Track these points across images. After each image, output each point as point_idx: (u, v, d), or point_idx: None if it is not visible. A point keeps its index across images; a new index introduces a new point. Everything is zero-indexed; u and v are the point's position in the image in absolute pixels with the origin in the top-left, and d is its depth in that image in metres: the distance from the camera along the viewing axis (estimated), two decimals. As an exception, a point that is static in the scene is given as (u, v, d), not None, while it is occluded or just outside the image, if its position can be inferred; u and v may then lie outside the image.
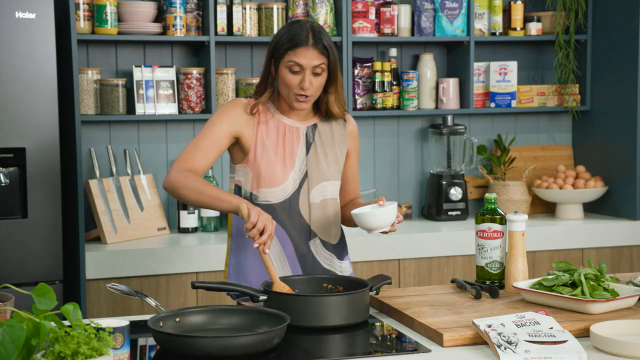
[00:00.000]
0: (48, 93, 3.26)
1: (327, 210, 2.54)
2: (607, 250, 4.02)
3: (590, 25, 4.25)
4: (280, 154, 2.49)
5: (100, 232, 3.64)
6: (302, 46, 2.42)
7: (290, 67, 2.43)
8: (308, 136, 2.54)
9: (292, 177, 2.50)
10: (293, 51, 2.43)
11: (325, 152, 2.54)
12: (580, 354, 1.84)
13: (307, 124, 2.55)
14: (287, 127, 2.52)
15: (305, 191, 2.51)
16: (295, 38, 2.43)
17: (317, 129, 2.55)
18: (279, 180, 2.48)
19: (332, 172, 2.54)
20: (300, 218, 2.51)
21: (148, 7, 3.80)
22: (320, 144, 2.54)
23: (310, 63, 2.43)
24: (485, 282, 2.46)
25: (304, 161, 2.52)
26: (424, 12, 4.12)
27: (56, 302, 1.60)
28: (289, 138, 2.51)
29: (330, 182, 2.54)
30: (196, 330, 2.04)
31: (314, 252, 2.53)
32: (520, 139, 4.44)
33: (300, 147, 2.52)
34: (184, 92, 3.85)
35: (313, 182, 2.51)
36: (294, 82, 2.44)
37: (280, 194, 2.49)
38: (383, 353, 1.99)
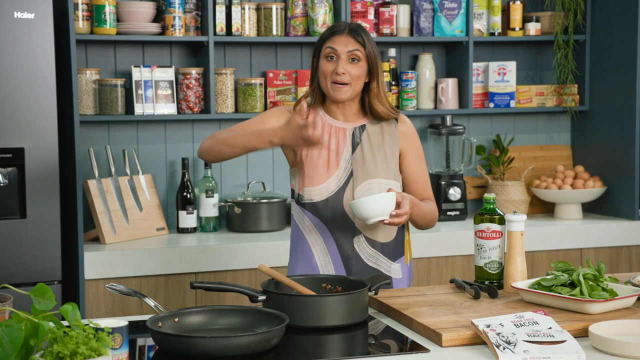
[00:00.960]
0: (47, 93, 3.26)
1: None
2: (606, 250, 4.02)
3: (589, 26, 4.25)
4: (324, 153, 2.55)
5: (99, 232, 3.64)
6: (338, 34, 2.53)
7: (327, 55, 2.53)
8: (355, 136, 2.58)
9: (337, 175, 2.55)
10: (330, 39, 2.54)
11: (372, 151, 2.58)
12: (579, 354, 1.84)
13: (354, 125, 2.60)
14: (334, 127, 2.58)
15: (351, 189, 2.55)
16: (332, 29, 2.56)
17: (366, 129, 2.60)
18: (321, 178, 2.54)
19: (379, 170, 2.56)
20: (344, 216, 2.55)
21: (147, 7, 3.80)
22: (367, 144, 2.58)
23: (344, 48, 2.51)
24: (484, 282, 2.46)
25: (350, 160, 2.56)
26: (423, 12, 4.12)
27: (55, 303, 1.61)
28: (335, 139, 2.57)
29: (377, 179, 2.56)
30: (195, 331, 2.04)
31: (358, 250, 2.57)
32: (519, 139, 4.44)
33: (347, 147, 2.57)
34: (182, 92, 3.85)
35: (358, 180, 2.55)
36: (330, 69, 2.52)
37: (323, 192, 2.54)
38: (382, 353, 1.99)
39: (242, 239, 3.71)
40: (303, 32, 3.98)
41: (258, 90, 3.92)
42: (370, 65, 2.55)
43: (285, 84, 4.00)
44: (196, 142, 4.00)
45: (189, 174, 3.91)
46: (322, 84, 2.56)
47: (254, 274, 3.58)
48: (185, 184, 3.88)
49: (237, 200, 3.89)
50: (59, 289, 3.28)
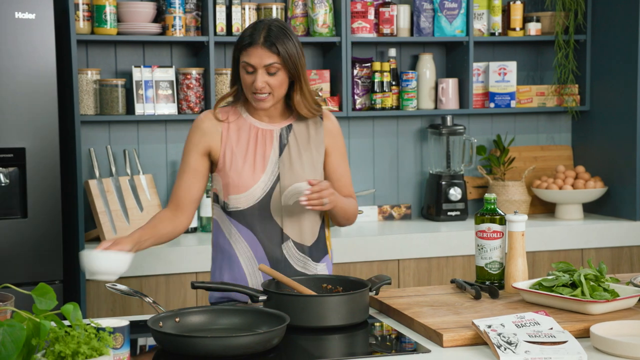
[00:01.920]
0: (48, 93, 3.26)
1: (301, 212, 2.50)
2: (607, 250, 4.02)
3: (589, 26, 4.25)
4: (250, 158, 2.48)
5: (100, 232, 3.64)
6: (252, 46, 2.42)
7: (244, 68, 2.44)
8: (282, 138, 2.52)
9: (263, 180, 2.48)
10: (245, 51, 2.44)
11: (299, 153, 2.51)
12: (580, 354, 1.84)
13: (280, 125, 2.53)
14: (260, 130, 2.51)
15: (278, 194, 2.48)
16: (246, 38, 2.44)
17: (292, 129, 2.53)
18: (247, 185, 2.46)
19: (306, 174, 2.50)
20: (272, 222, 2.49)
21: (147, 8, 3.80)
22: (294, 145, 2.52)
23: (260, 62, 2.42)
24: (485, 283, 2.46)
25: (277, 164, 2.49)
26: (423, 12, 4.12)
27: (56, 302, 1.61)
28: (261, 141, 2.50)
29: (304, 182, 2.49)
30: (196, 330, 2.04)
31: (287, 256, 2.50)
32: (520, 139, 4.44)
33: (274, 149, 2.50)
34: (183, 92, 3.85)
35: (286, 184, 2.48)
36: (249, 81, 2.44)
37: (249, 199, 2.47)
38: (383, 353, 1.99)
39: (243, 239, 3.70)
40: (303, 32, 3.98)
41: (259, 90, 3.92)
42: (290, 71, 2.45)
43: (286, 84, 4.00)
44: (197, 142, 4.00)
45: (190, 174, 3.91)
46: (245, 92, 2.49)
47: (255, 274, 3.58)
48: (186, 184, 3.87)
49: (238, 200, 3.89)
50: (60, 289, 3.28)
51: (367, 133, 4.23)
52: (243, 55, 2.44)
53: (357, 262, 3.70)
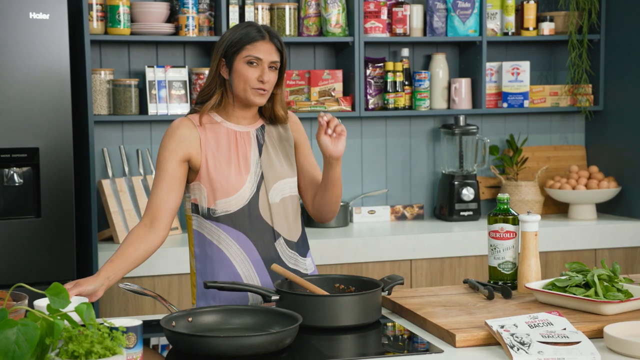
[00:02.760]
0: (61, 93, 3.28)
1: (287, 209, 2.51)
2: (621, 250, 4.01)
3: (603, 25, 4.24)
4: (234, 161, 2.47)
5: (113, 232, 3.65)
6: (261, 40, 2.44)
7: (249, 61, 2.43)
8: (259, 138, 2.52)
9: (249, 181, 2.47)
10: (252, 45, 2.43)
11: (276, 151, 2.53)
12: (594, 355, 1.84)
13: (255, 127, 2.53)
14: (238, 133, 2.50)
15: (264, 193, 2.48)
16: (252, 33, 2.45)
17: (265, 130, 2.55)
18: (235, 187, 2.45)
19: (285, 170, 2.52)
20: (262, 221, 2.48)
21: (161, 8, 3.81)
22: (270, 143, 2.53)
23: (268, 57, 2.44)
24: (498, 283, 2.46)
25: (258, 163, 2.50)
26: (436, 12, 4.12)
27: (70, 302, 1.61)
28: (241, 143, 2.49)
29: (285, 179, 2.51)
30: (209, 330, 2.04)
31: (280, 253, 2.50)
32: (533, 139, 4.43)
33: (253, 150, 2.50)
34: (196, 92, 3.85)
35: (270, 182, 2.49)
36: (253, 75, 2.43)
37: (238, 201, 2.45)
38: (395, 353, 1.99)
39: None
40: (316, 32, 3.98)
41: (271, 90, 3.92)
42: (281, 71, 2.49)
43: (299, 84, 4.01)
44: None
45: (203, 173, 3.92)
46: (239, 88, 2.44)
47: (267, 274, 3.58)
48: (199, 184, 3.88)
49: (251, 200, 3.90)
50: (73, 288, 3.29)
51: (380, 133, 4.23)
52: (248, 50, 2.43)
53: (369, 262, 3.70)
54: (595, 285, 2.21)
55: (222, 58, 2.47)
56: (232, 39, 2.45)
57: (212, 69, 2.49)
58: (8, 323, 1.50)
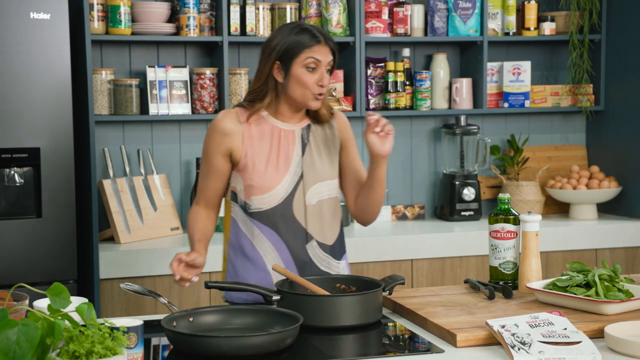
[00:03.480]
0: (62, 93, 3.28)
1: (323, 211, 2.51)
2: (621, 250, 4.00)
3: (604, 25, 4.23)
4: (273, 159, 2.48)
5: (114, 232, 3.65)
6: (319, 44, 2.45)
7: (308, 65, 2.44)
8: (303, 137, 2.52)
9: (286, 180, 2.48)
10: (310, 49, 2.44)
11: (320, 152, 2.53)
12: (595, 354, 1.84)
13: (301, 126, 2.54)
14: (282, 131, 2.51)
15: (301, 193, 2.48)
16: (308, 38, 2.45)
17: (311, 129, 2.55)
18: (270, 185, 2.46)
19: (327, 172, 2.52)
20: (295, 222, 2.48)
21: (161, 8, 3.81)
22: (315, 144, 2.53)
23: (326, 59, 2.46)
24: (499, 283, 2.46)
25: (300, 163, 2.50)
26: (437, 12, 4.12)
27: (71, 302, 1.61)
28: (284, 141, 2.50)
29: (325, 182, 2.51)
30: (209, 330, 2.04)
31: (311, 256, 2.50)
32: (534, 139, 4.43)
33: (296, 149, 2.50)
34: (197, 92, 3.85)
35: (309, 184, 2.49)
36: (312, 80, 2.44)
37: (272, 200, 2.46)
38: (396, 353, 1.99)
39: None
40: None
41: (272, 90, 3.92)
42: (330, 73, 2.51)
43: (300, 84, 4.00)
44: (210, 142, 4.01)
45: (204, 173, 3.92)
46: (297, 93, 2.45)
47: (268, 274, 3.58)
48: (200, 184, 3.88)
49: (251, 200, 3.89)
50: (74, 288, 3.29)
51: (381, 133, 4.22)
52: (307, 53, 2.44)
53: (370, 262, 3.70)
54: (596, 285, 2.21)
55: (276, 61, 2.47)
56: (287, 43, 2.46)
57: (264, 71, 2.49)
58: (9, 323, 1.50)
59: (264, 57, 2.50)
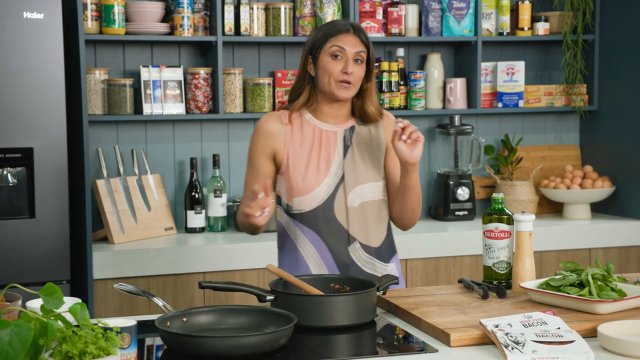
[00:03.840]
0: (55, 93, 3.27)
1: (367, 214, 2.51)
2: (615, 250, 4.01)
3: (598, 25, 4.24)
4: (314, 160, 2.49)
5: (108, 232, 3.65)
6: (345, 33, 2.48)
7: (333, 53, 2.46)
8: (345, 139, 2.52)
9: (326, 182, 2.48)
10: (335, 37, 2.47)
11: (363, 154, 2.52)
12: (588, 354, 1.84)
13: (344, 127, 2.54)
14: (324, 132, 2.52)
15: (342, 195, 2.49)
16: (335, 27, 2.49)
17: (355, 131, 2.54)
18: (310, 187, 2.47)
19: (370, 174, 2.52)
20: (336, 224, 2.49)
21: (155, 7, 3.80)
22: (358, 146, 2.52)
23: (352, 49, 2.47)
24: (493, 282, 2.46)
25: (341, 165, 2.50)
26: (432, 12, 4.12)
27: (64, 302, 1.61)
28: (325, 143, 2.51)
29: (368, 184, 2.51)
30: (203, 330, 2.04)
31: (354, 258, 2.51)
32: (528, 139, 4.43)
33: (337, 151, 2.51)
34: (191, 92, 3.85)
35: (350, 186, 2.49)
36: (337, 67, 2.46)
37: (312, 202, 2.48)
38: (390, 353, 1.99)
39: (250, 238, 3.71)
40: (312, 32, 3.98)
41: (266, 90, 3.92)
42: (370, 66, 2.52)
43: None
44: (205, 142, 4.01)
45: (197, 173, 3.92)
46: (324, 83, 2.48)
47: (262, 274, 3.58)
48: (194, 184, 3.88)
49: (246, 200, 3.89)
50: (67, 289, 3.29)
51: (375, 133, 4.23)
52: (332, 42, 2.46)
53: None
54: (589, 284, 2.21)
55: (308, 55, 2.51)
56: (317, 36, 2.51)
57: (300, 67, 2.54)
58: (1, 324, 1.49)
59: (301, 55, 2.55)
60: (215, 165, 3.91)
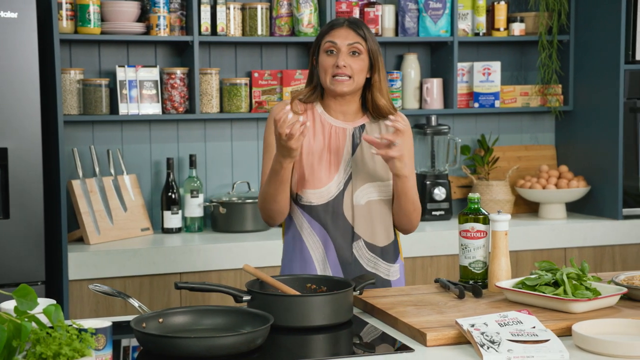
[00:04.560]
0: (30, 93, 3.25)
1: (373, 212, 2.52)
2: (590, 249, 4.04)
3: (572, 26, 4.27)
4: (325, 156, 2.50)
5: (83, 233, 3.63)
6: (337, 27, 2.51)
7: (327, 49, 2.49)
8: (355, 137, 2.53)
9: (337, 179, 2.50)
10: (329, 33, 2.51)
11: (371, 153, 2.50)
12: (563, 352, 1.85)
13: (354, 125, 2.55)
14: (333, 127, 2.53)
15: (350, 193, 2.50)
16: (331, 23, 2.54)
17: (365, 129, 2.55)
18: (323, 182, 2.49)
19: (378, 172, 2.52)
20: (344, 220, 2.51)
21: (131, 7, 3.78)
22: (367, 144, 2.52)
23: (344, 41, 2.48)
24: (469, 282, 2.47)
25: (350, 162, 2.51)
26: (408, 12, 4.13)
27: (37, 303, 1.60)
28: (335, 139, 2.52)
29: (376, 183, 2.52)
30: (179, 331, 2.03)
31: (357, 255, 2.52)
32: (504, 139, 4.45)
33: (347, 148, 2.52)
34: (167, 92, 3.84)
35: (357, 184, 2.51)
36: (330, 62, 2.48)
37: (323, 196, 2.50)
38: (366, 353, 1.99)
39: (227, 239, 3.70)
40: (288, 32, 3.98)
41: (243, 90, 3.92)
42: (372, 59, 2.51)
43: (271, 84, 4.00)
44: (181, 142, 3.99)
45: (174, 174, 3.91)
46: (322, 79, 2.50)
47: (239, 274, 3.58)
48: (170, 184, 3.87)
49: (222, 201, 3.89)
50: (42, 290, 3.26)
51: (352, 133, 4.23)
52: (326, 37, 2.50)
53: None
54: (564, 283, 2.23)
55: (312, 56, 2.55)
56: (318, 36, 2.55)
57: (309, 65, 2.59)
58: (-25, 325, 1.48)
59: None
60: (191, 165, 3.90)
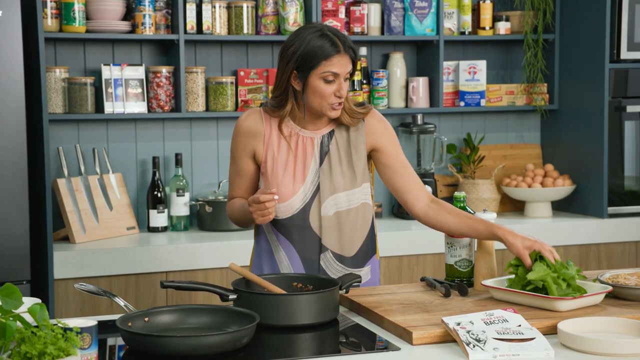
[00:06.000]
0: (15, 91, 3.23)
1: (342, 223, 2.48)
2: (575, 248, 4.06)
3: (558, 25, 4.29)
4: (290, 168, 2.46)
5: (69, 232, 3.61)
6: (338, 54, 2.37)
7: (325, 78, 2.37)
8: (323, 145, 2.48)
9: (303, 191, 2.46)
10: (328, 61, 2.37)
11: (340, 161, 2.47)
12: (548, 351, 1.86)
13: (322, 133, 2.49)
14: (300, 137, 2.47)
15: (317, 204, 2.47)
16: (327, 48, 2.37)
17: (334, 136, 2.49)
18: (286, 195, 2.45)
19: (346, 181, 2.47)
20: (310, 232, 2.48)
21: (117, 5, 3.77)
22: (335, 153, 2.47)
23: (345, 70, 2.39)
24: (455, 280, 2.48)
25: (317, 173, 2.47)
26: (394, 11, 4.13)
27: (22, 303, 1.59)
28: (302, 149, 2.47)
29: (344, 193, 2.47)
30: (165, 330, 2.03)
31: (325, 267, 2.50)
32: (490, 138, 4.47)
33: (314, 159, 2.47)
34: (153, 90, 3.83)
35: (325, 195, 2.46)
36: (329, 91, 2.38)
37: (287, 210, 2.46)
38: (353, 351, 2.00)
39: (213, 237, 3.70)
40: (274, 30, 3.97)
41: (229, 88, 3.91)
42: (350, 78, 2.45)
43: (257, 83, 3.99)
44: (167, 141, 3.98)
45: (160, 172, 3.89)
46: (314, 103, 2.40)
47: (225, 273, 3.57)
48: (156, 183, 3.86)
49: (208, 199, 3.88)
50: (27, 289, 3.25)
51: (338, 131, 4.23)
52: (325, 66, 2.36)
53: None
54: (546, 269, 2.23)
55: (293, 70, 2.39)
56: (305, 53, 2.37)
57: (283, 79, 2.42)
58: (-41, 325, 1.48)
59: (281, 63, 2.42)
60: (177, 164, 3.89)
